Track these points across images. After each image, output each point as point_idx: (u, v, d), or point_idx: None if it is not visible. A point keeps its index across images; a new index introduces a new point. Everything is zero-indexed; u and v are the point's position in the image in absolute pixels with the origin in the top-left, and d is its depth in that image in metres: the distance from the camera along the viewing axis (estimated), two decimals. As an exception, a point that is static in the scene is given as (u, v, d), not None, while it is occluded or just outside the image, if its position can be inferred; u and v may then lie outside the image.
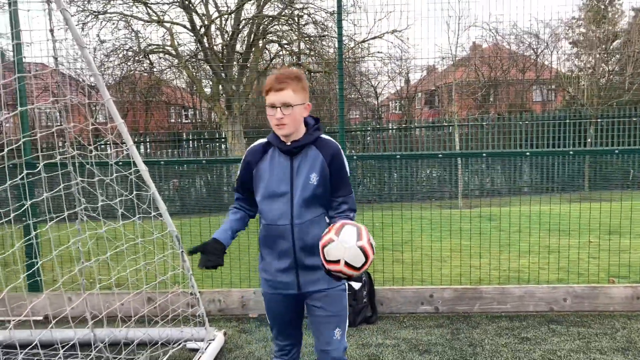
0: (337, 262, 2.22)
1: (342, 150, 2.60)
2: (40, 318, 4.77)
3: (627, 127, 12.55)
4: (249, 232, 3.22)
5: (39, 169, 2.99)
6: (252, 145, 2.62)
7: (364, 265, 2.26)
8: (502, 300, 4.92)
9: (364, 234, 2.28)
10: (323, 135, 2.60)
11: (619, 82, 17.00)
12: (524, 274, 5.66)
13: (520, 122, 13.36)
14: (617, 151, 5.47)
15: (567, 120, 13.00)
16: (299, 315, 2.73)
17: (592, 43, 17.78)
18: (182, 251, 3.81)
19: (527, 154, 5.59)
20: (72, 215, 3.42)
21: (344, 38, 12.70)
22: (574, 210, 5.68)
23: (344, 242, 2.23)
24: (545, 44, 18.89)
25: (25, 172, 3.10)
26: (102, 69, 14.22)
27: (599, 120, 13.35)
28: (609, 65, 18.19)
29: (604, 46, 18.26)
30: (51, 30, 2.64)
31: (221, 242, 2.54)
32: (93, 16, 13.78)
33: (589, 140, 13.08)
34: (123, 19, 14.19)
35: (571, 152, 5.44)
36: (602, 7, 19.54)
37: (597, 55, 17.55)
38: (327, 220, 2.59)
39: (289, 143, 2.52)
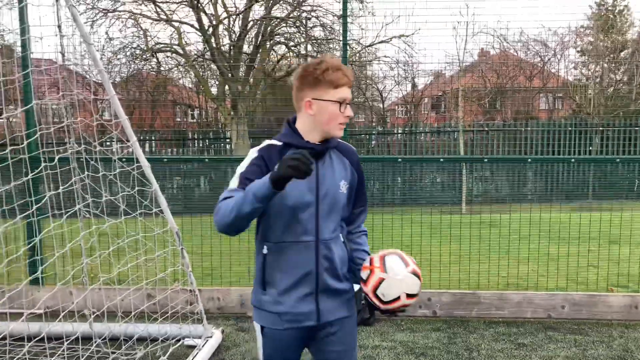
0: (398, 298, 2.04)
1: None
2: (41, 311, 4.81)
3: (633, 137, 12.52)
4: (249, 231, 3.24)
5: (42, 166, 3.03)
6: (262, 145, 2.15)
7: (419, 288, 2.09)
8: (500, 305, 4.94)
9: (407, 258, 2.09)
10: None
11: (626, 92, 16.97)
12: (523, 281, 5.66)
13: (525, 129, 13.35)
14: (618, 160, 5.48)
15: (573, 129, 12.98)
16: (298, 357, 2.29)
17: (600, 52, 17.77)
18: (182, 248, 3.85)
19: (529, 160, 5.61)
20: (76, 210, 3.46)
21: (351, 41, 12.76)
22: (576, 219, 5.69)
23: (396, 275, 2.03)
24: (553, 52, 18.87)
25: (29, 167, 3.15)
26: (110, 67, 14.32)
27: (604, 129, 13.32)
28: (617, 75, 18.17)
29: (612, 55, 18.24)
30: (59, 26, 2.69)
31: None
32: (102, 14, 13.88)
33: (592, 148, 13.06)
34: (132, 17, 14.29)
35: (573, 160, 5.46)
36: (611, 16, 19.53)
37: (605, 65, 17.54)
38: (342, 240, 2.24)
39: (317, 142, 2.13)
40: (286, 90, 15.00)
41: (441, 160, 5.06)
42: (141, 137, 13.68)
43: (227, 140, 14.42)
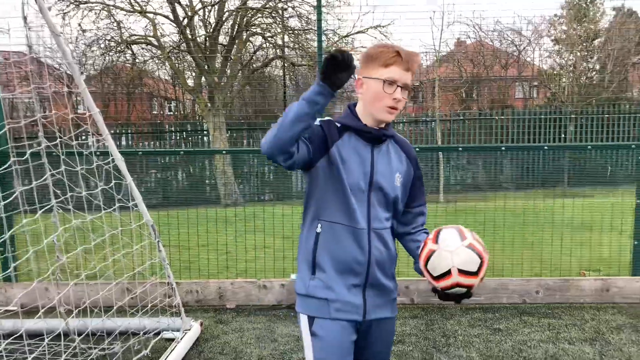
0: (449, 273, 1.80)
1: None
2: (15, 308, 4.75)
3: (606, 124, 12.76)
4: (226, 222, 3.24)
5: (10, 161, 2.98)
6: (325, 118, 2.05)
7: (480, 267, 1.80)
8: (476, 292, 4.98)
9: (466, 233, 1.86)
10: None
11: (598, 80, 17.25)
12: (498, 267, 5.76)
13: (500, 118, 13.51)
14: (589, 147, 5.59)
15: (547, 117, 13.17)
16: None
17: (573, 41, 18.00)
18: (159, 240, 3.83)
19: (503, 148, 5.68)
20: (50, 206, 3.41)
21: (327, 32, 12.73)
22: (550, 205, 5.80)
23: (447, 246, 1.81)
24: (528, 41, 19.08)
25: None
26: (84, 59, 14.10)
27: (577, 116, 13.55)
28: (590, 63, 18.44)
29: (585, 44, 18.49)
30: (24, 18, 2.64)
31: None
32: (74, 5, 13.62)
33: (565, 136, 13.27)
34: (105, 9, 14.05)
35: (546, 147, 5.55)
36: (584, 5, 19.79)
37: (578, 53, 17.78)
38: (392, 236, 2.11)
39: (376, 127, 2.02)
40: (263, 81, 14.94)
41: (417, 149, 5.09)
42: (117, 131, 13.52)
43: (205, 132, 14.33)
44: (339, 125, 2.02)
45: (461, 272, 1.79)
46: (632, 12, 17.92)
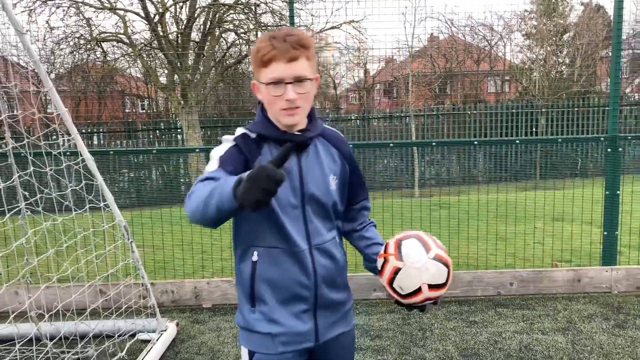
0: (419, 291, 1.68)
1: None
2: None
3: (576, 117, 13.02)
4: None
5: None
6: (239, 133, 1.77)
7: (448, 276, 1.70)
8: (451, 285, 5.03)
9: (429, 242, 1.72)
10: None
11: (568, 74, 17.57)
12: (473, 260, 5.83)
13: (472, 112, 13.66)
14: (560, 140, 5.68)
15: (519, 111, 13.37)
16: None
17: (543, 36, 18.29)
18: (132, 241, 3.77)
19: (475, 142, 5.74)
20: (18, 207, 3.34)
21: (301, 28, 12.68)
22: (523, 198, 5.88)
23: (414, 262, 1.68)
24: (499, 36, 19.34)
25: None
26: (53, 57, 13.81)
27: (549, 110, 13.78)
28: (560, 58, 18.77)
29: (554, 39, 18.81)
30: (-13, 16, 2.56)
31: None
32: (41, 2, 13.31)
33: (536, 130, 13.50)
34: (73, 6, 13.77)
35: (517, 141, 5.62)
36: (553, 0, 20.12)
37: (548, 48, 18.08)
38: (338, 241, 1.92)
39: (296, 132, 1.75)
40: (237, 77, 14.83)
41: (391, 145, 5.12)
42: (89, 130, 13.30)
43: (179, 130, 14.17)
44: (254, 135, 1.74)
45: (431, 287, 1.67)
46: (599, 7, 18.27)
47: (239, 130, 1.77)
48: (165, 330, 4.18)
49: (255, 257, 1.77)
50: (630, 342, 3.98)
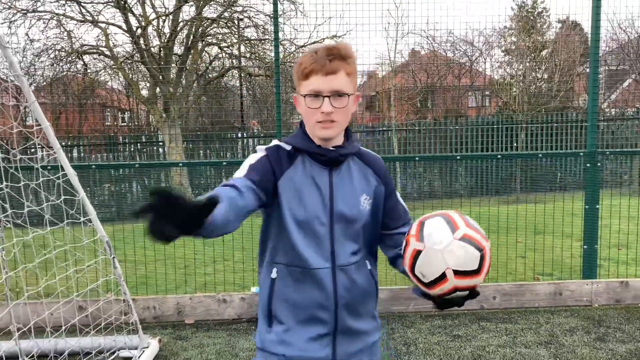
0: (443, 277, 1.44)
1: None
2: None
3: (555, 132, 13.23)
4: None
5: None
6: (273, 144, 1.76)
7: (482, 262, 1.46)
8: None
9: (457, 220, 1.50)
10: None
11: (547, 90, 17.88)
12: (456, 274, 5.85)
13: (454, 127, 13.82)
14: (540, 155, 5.76)
15: (499, 126, 13.54)
16: None
17: (522, 52, 18.62)
18: (114, 257, 3.72)
19: (458, 157, 5.79)
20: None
21: (284, 42, 12.76)
22: (505, 212, 5.94)
23: (436, 243, 1.45)
24: (480, 52, 19.63)
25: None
26: (33, 70, 13.67)
27: (528, 125, 13.99)
28: (538, 73, 19.11)
29: (533, 55, 19.16)
30: (-31, 29, 2.53)
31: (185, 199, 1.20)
32: (21, 14, 13.20)
33: (517, 145, 13.68)
34: (54, 18, 13.68)
35: (499, 156, 5.69)
36: (532, 18, 20.54)
37: (527, 64, 18.40)
38: (369, 267, 1.83)
39: (330, 148, 1.72)
40: (220, 91, 14.82)
41: (375, 159, 5.12)
42: (69, 143, 13.14)
43: (160, 143, 14.08)
44: (289, 148, 1.74)
45: (458, 273, 1.43)
46: (576, 24, 18.69)
47: (274, 142, 1.77)
48: (147, 347, 4.11)
49: (274, 275, 1.72)
50: (611, 355, 4.02)
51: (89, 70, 15.10)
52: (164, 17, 14.21)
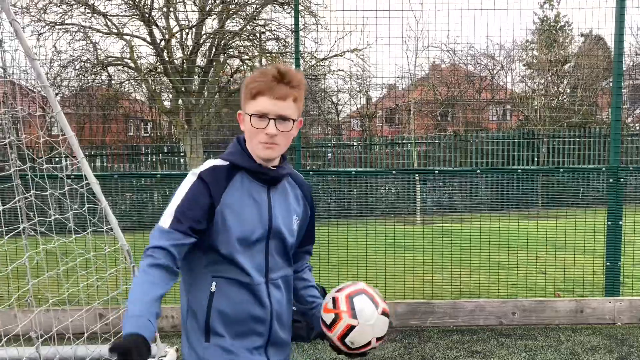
0: (369, 344, 1.79)
1: None
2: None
3: (577, 147, 13.07)
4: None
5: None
6: (207, 166, 1.77)
7: (387, 326, 1.85)
8: (453, 314, 5.03)
9: (375, 296, 1.82)
10: None
11: (569, 104, 17.70)
12: (475, 289, 5.79)
13: (475, 141, 13.73)
14: (562, 169, 5.70)
15: (521, 140, 13.43)
16: None
17: (544, 66, 18.48)
18: (134, 265, 3.77)
19: (478, 171, 5.76)
20: (23, 229, 3.34)
21: (305, 55, 12.86)
22: (525, 227, 5.88)
23: (367, 320, 1.76)
24: (501, 66, 19.53)
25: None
26: (59, 80, 13.96)
27: (550, 140, 13.84)
28: (560, 87, 18.93)
29: (555, 69, 19.00)
30: (0, 41, 2.62)
31: (147, 341, 1.57)
32: (49, 27, 13.52)
33: (538, 159, 13.54)
34: (80, 31, 13.99)
35: (519, 170, 5.65)
36: (554, 32, 20.39)
37: (549, 78, 18.25)
38: (290, 279, 1.95)
39: (271, 167, 1.79)
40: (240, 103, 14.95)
41: (393, 172, 5.15)
42: (92, 153, 13.37)
43: (182, 154, 14.24)
44: (226, 163, 1.77)
45: (378, 339, 1.81)
46: (599, 39, 18.51)
47: (207, 164, 1.79)
48: (164, 356, 4.14)
49: (213, 288, 1.75)
50: (634, 374, 3.94)
51: (113, 82, 15.37)
52: (187, 30, 14.43)
